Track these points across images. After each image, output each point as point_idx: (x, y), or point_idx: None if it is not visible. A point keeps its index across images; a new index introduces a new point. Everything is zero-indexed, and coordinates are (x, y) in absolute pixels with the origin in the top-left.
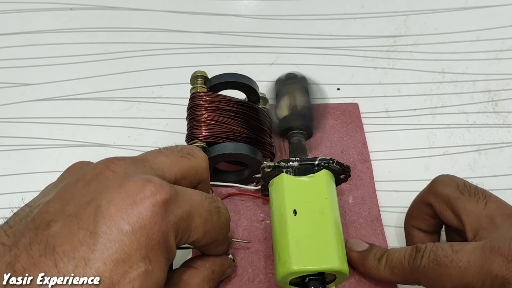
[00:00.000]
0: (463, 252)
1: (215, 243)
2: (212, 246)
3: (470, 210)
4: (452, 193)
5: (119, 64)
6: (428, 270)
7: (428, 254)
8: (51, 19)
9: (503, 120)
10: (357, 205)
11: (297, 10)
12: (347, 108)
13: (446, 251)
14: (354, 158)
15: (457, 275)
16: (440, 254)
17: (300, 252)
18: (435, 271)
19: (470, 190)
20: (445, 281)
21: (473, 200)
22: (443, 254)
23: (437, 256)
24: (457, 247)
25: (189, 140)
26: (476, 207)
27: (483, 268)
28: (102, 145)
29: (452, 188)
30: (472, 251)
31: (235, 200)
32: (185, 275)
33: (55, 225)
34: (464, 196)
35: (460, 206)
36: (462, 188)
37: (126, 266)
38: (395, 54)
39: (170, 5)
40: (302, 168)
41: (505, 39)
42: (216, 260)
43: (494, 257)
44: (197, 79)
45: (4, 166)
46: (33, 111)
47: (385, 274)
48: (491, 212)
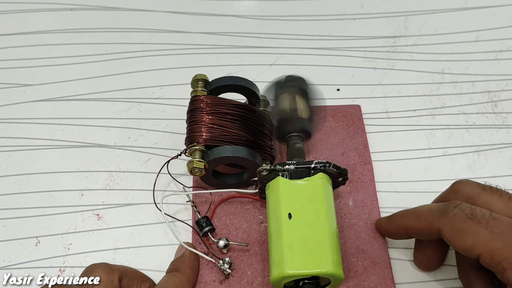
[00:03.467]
0: (500, 221)
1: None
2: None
3: (495, 202)
4: (474, 190)
5: (120, 64)
6: (456, 220)
7: (462, 207)
8: (52, 20)
9: (503, 121)
10: (357, 207)
11: (297, 10)
12: (349, 110)
13: (484, 213)
14: (355, 160)
15: (485, 237)
16: (478, 213)
17: (294, 256)
18: (465, 224)
19: (492, 188)
20: (469, 237)
21: (496, 195)
22: (481, 214)
23: (474, 213)
24: (495, 215)
25: (188, 143)
26: (501, 200)
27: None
28: (102, 145)
29: (473, 186)
30: (508, 225)
31: (235, 203)
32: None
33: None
34: (486, 191)
35: (483, 200)
36: (483, 186)
37: None
38: (395, 55)
39: (170, 5)
40: (298, 172)
41: (504, 40)
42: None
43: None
44: (197, 82)
45: (5, 167)
46: (34, 112)
47: (410, 221)
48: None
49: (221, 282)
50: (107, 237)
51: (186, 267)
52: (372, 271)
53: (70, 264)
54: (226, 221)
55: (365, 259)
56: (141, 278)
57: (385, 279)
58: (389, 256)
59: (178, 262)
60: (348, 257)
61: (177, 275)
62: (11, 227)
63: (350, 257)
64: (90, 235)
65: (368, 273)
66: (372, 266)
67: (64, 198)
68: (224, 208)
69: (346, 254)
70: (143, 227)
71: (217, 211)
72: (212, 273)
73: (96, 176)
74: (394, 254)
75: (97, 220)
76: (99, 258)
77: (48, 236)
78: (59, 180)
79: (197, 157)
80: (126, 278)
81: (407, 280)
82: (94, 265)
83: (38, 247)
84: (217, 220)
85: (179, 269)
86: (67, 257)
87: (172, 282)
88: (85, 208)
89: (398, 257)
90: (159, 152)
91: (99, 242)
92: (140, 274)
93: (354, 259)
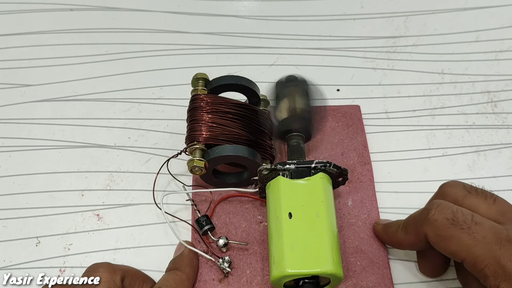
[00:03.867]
0: (482, 225)
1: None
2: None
3: (479, 205)
4: (459, 193)
5: (120, 65)
6: (438, 225)
7: (444, 211)
8: (52, 20)
9: (503, 121)
10: (357, 208)
11: (297, 11)
12: (349, 110)
13: (466, 217)
14: (355, 160)
15: (467, 243)
16: (459, 218)
17: (294, 255)
18: (447, 230)
19: (477, 190)
20: (453, 243)
21: (481, 197)
22: (462, 219)
23: (456, 217)
24: (477, 219)
25: (188, 142)
26: (485, 203)
27: (495, 254)
28: (102, 146)
29: (458, 189)
30: (489, 230)
31: (235, 202)
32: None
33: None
34: (471, 194)
35: (468, 202)
36: (469, 188)
37: None
38: (395, 55)
39: (170, 6)
40: (299, 171)
41: (504, 40)
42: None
43: (509, 248)
44: (198, 81)
45: (5, 167)
46: (34, 112)
47: (401, 236)
48: (501, 208)
49: (220, 280)
50: (107, 237)
51: (185, 265)
52: (371, 271)
53: (70, 265)
54: (226, 220)
55: (363, 259)
56: (143, 278)
57: (384, 279)
58: (387, 256)
59: (177, 261)
60: (347, 257)
61: (177, 273)
62: (11, 228)
63: (349, 257)
64: (90, 235)
65: (366, 273)
66: (370, 266)
67: (65, 199)
68: (224, 207)
69: (345, 254)
70: (143, 228)
71: (217, 210)
72: (211, 272)
73: (96, 176)
74: (393, 254)
75: (97, 221)
76: (99, 259)
77: (49, 237)
78: (59, 181)
79: (198, 156)
80: (128, 278)
81: (406, 280)
82: (96, 264)
83: (38, 247)
84: (216, 219)
85: (178, 267)
86: (67, 257)
87: (172, 280)
88: (85, 208)
89: (397, 257)
90: (159, 152)
91: (99, 243)
92: (142, 274)
93: (353, 259)
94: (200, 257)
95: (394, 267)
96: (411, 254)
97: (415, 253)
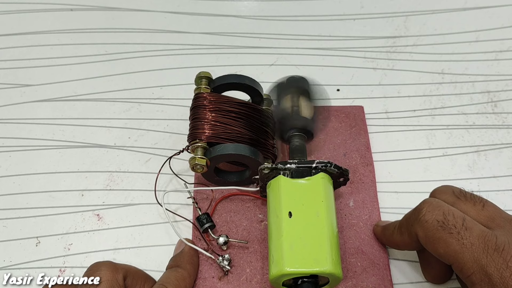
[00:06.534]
0: (471, 231)
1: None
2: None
3: (468, 211)
4: (449, 199)
5: (120, 65)
6: (428, 227)
7: (435, 212)
8: (52, 20)
9: (503, 121)
10: (358, 208)
11: (297, 11)
12: (352, 111)
13: (457, 221)
14: (357, 161)
15: (455, 249)
16: (450, 221)
17: (294, 254)
18: (437, 233)
19: (466, 195)
20: (441, 246)
21: (470, 203)
22: (452, 223)
23: (446, 220)
24: (468, 224)
25: (191, 140)
26: (474, 208)
27: (481, 262)
28: (102, 146)
29: (448, 195)
30: (478, 237)
31: (236, 201)
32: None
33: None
34: (460, 200)
35: (457, 208)
36: (458, 193)
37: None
38: (395, 55)
39: (170, 6)
40: (300, 171)
41: (504, 40)
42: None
43: (495, 257)
44: (201, 80)
45: (5, 167)
46: (34, 112)
47: (397, 237)
48: (490, 214)
49: (220, 278)
50: (107, 237)
51: (186, 263)
52: (371, 272)
53: (70, 265)
54: (227, 218)
55: (364, 259)
56: (144, 278)
57: (384, 280)
58: (388, 258)
59: (178, 258)
60: (348, 257)
61: (178, 270)
62: (11, 227)
63: (350, 257)
64: (90, 235)
65: (367, 274)
66: (371, 267)
67: (64, 199)
68: (225, 205)
69: (345, 255)
70: (143, 228)
71: (217, 208)
72: (211, 270)
73: (96, 176)
74: (393, 254)
75: (97, 221)
76: (99, 259)
77: (49, 237)
78: (59, 181)
79: (199, 154)
80: (130, 277)
81: (406, 280)
82: (98, 263)
83: (38, 247)
84: (217, 217)
85: (179, 264)
86: (67, 257)
87: (173, 277)
88: (85, 208)
89: (397, 257)
90: (159, 152)
91: (99, 243)
92: (143, 274)
93: (353, 260)
94: (200, 254)
95: (394, 267)
96: (410, 255)
97: (414, 253)
